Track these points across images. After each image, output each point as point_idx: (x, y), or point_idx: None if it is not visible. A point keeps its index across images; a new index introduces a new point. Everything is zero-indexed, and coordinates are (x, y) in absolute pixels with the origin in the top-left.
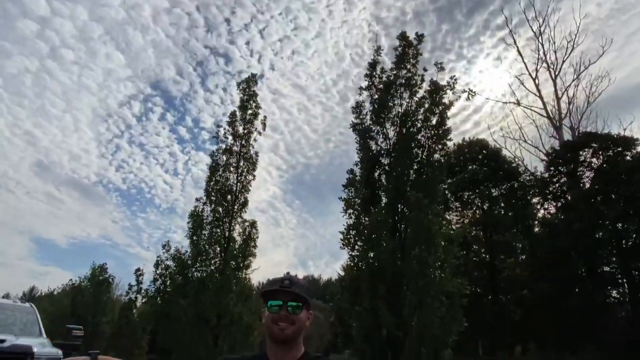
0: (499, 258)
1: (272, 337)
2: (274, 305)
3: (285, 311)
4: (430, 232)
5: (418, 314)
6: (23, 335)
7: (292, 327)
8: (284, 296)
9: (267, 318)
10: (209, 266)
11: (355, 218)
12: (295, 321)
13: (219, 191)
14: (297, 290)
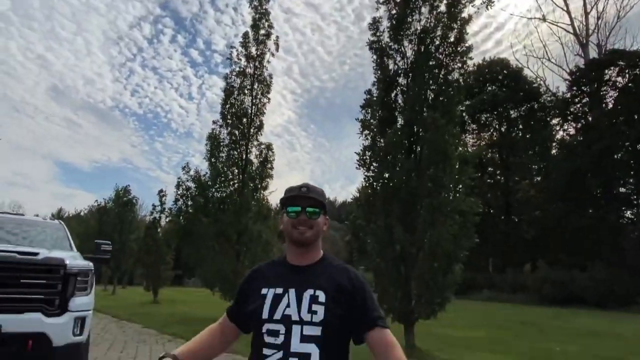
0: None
1: (293, 240)
2: (293, 211)
3: (304, 216)
4: (446, 153)
5: (431, 231)
6: (55, 249)
7: (311, 231)
8: (302, 202)
9: (287, 223)
10: (228, 187)
11: (371, 139)
12: (314, 225)
13: (235, 114)
14: (315, 196)
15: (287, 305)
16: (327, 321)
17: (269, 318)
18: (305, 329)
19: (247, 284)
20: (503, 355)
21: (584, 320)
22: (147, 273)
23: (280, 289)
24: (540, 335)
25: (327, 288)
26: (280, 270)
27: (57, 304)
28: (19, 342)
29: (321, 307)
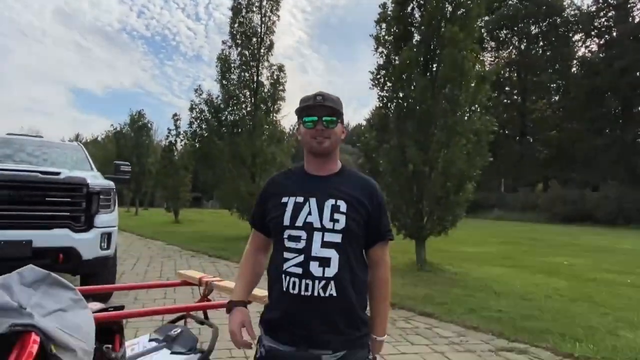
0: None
1: (311, 151)
2: (310, 121)
3: (320, 125)
4: (463, 70)
5: (445, 150)
6: (75, 170)
7: (329, 141)
8: (319, 111)
9: (305, 134)
10: (240, 110)
11: (386, 57)
12: (331, 135)
13: (244, 33)
14: (331, 104)
15: (309, 213)
16: (347, 229)
17: (290, 225)
18: (326, 236)
19: (267, 191)
20: (511, 268)
21: (592, 236)
22: (167, 195)
23: (300, 197)
24: (549, 251)
25: (348, 198)
26: (300, 179)
27: (83, 221)
28: (51, 256)
29: (342, 216)
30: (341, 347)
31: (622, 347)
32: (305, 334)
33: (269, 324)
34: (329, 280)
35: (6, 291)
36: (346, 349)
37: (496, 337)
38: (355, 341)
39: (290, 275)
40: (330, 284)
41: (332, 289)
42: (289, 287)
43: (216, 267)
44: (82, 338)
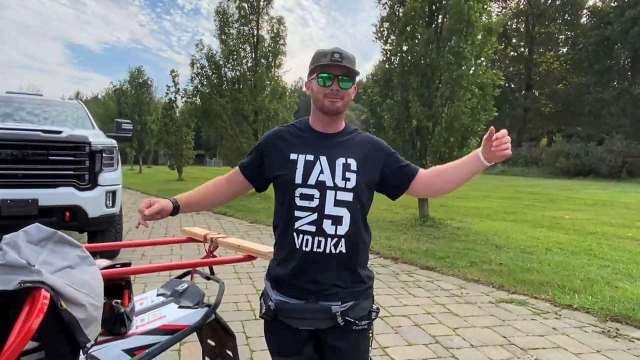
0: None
1: (323, 109)
2: (325, 79)
3: (336, 85)
4: (470, 21)
5: (449, 105)
6: (77, 128)
7: (342, 101)
8: (335, 70)
9: (317, 91)
10: (241, 65)
11: (390, 8)
12: (345, 95)
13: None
14: (348, 64)
15: (321, 172)
16: (358, 187)
17: (302, 183)
18: (338, 194)
19: (270, 144)
20: (512, 223)
21: (594, 190)
22: (169, 153)
23: (310, 155)
24: (550, 205)
25: (357, 156)
26: (306, 136)
27: (87, 179)
28: (57, 214)
29: (353, 174)
30: (349, 299)
31: (620, 298)
32: (315, 288)
33: (277, 280)
34: (340, 237)
35: (14, 249)
36: (353, 299)
37: (496, 289)
38: (361, 293)
39: (304, 233)
40: (341, 242)
41: (343, 246)
42: (301, 245)
43: (220, 223)
44: (91, 293)
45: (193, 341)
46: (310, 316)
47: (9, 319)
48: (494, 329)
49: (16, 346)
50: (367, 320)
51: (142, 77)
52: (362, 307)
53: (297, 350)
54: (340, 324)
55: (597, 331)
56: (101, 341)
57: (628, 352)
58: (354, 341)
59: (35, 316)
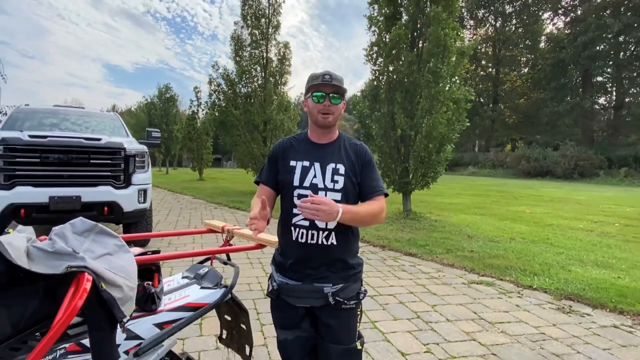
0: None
1: (317, 123)
2: (318, 96)
3: (327, 102)
4: (446, 45)
5: (428, 117)
6: (114, 136)
7: (332, 116)
8: (326, 89)
9: (312, 108)
10: (252, 83)
11: (378, 35)
12: (335, 111)
13: (254, 15)
14: (337, 84)
15: (314, 176)
16: (345, 188)
17: (299, 185)
18: (328, 194)
19: (276, 154)
20: (481, 216)
21: (551, 189)
22: (192, 157)
23: (307, 162)
24: (514, 201)
25: (345, 162)
26: (305, 146)
27: (122, 179)
28: (97, 208)
29: (341, 177)
30: (339, 281)
31: (573, 279)
32: (310, 272)
33: (280, 265)
34: (331, 231)
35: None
36: (343, 282)
37: (468, 272)
38: (350, 277)
39: (299, 227)
40: (331, 234)
41: (333, 238)
42: (297, 237)
43: (235, 216)
44: (127, 276)
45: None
46: (306, 295)
47: (57, 298)
48: (466, 306)
49: (64, 320)
50: (355, 300)
51: (169, 92)
52: (351, 289)
53: (296, 325)
54: (331, 303)
55: (554, 308)
56: (135, 316)
57: (579, 325)
58: (344, 318)
59: (79, 295)
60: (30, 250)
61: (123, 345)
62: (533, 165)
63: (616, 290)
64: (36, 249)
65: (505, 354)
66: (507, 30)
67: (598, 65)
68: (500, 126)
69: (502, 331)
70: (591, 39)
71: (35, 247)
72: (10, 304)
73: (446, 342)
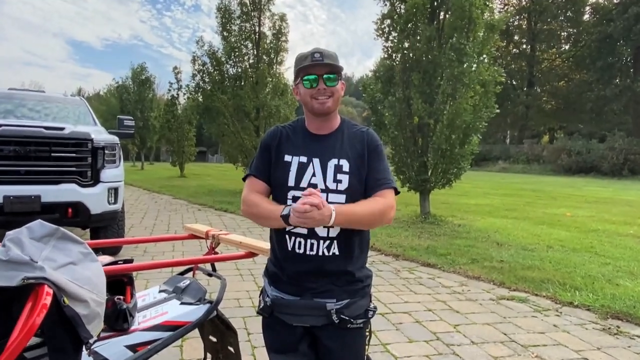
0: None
1: (313, 111)
2: (309, 80)
3: (322, 84)
4: (471, 18)
5: (450, 102)
6: (79, 125)
7: (331, 99)
8: (318, 69)
9: (305, 94)
10: (243, 62)
11: (391, 5)
12: (334, 92)
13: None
14: (330, 61)
15: (313, 175)
16: (350, 189)
17: (295, 185)
18: (330, 197)
19: (272, 141)
20: (513, 220)
21: (596, 188)
22: (171, 149)
23: (304, 157)
24: (552, 202)
25: (350, 156)
26: (301, 137)
27: (89, 176)
28: (59, 210)
29: (345, 176)
30: (344, 296)
31: (621, 295)
32: (309, 285)
33: (273, 277)
34: (333, 240)
35: (17, 246)
36: (349, 298)
37: (497, 286)
38: (357, 291)
39: (296, 235)
40: (333, 244)
41: (335, 248)
42: (294, 247)
43: (222, 220)
44: (93, 290)
45: (195, 337)
46: (305, 313)
47: (13, 314)
48: (494, 325)
49: (19, 342)
50: (363, 319)
51: (145, 74)
52: (359, 305)
53: (292, 348)
54: (334, 322)
55: (598, 328)
56: (104, 337)
57: (629, 349)
58: (349, 340)
59: (38, 312)
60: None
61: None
62: (575, 160)
63: None
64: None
65: None
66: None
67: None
68: (536, 114)
69: (536, 356)
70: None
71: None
72: None
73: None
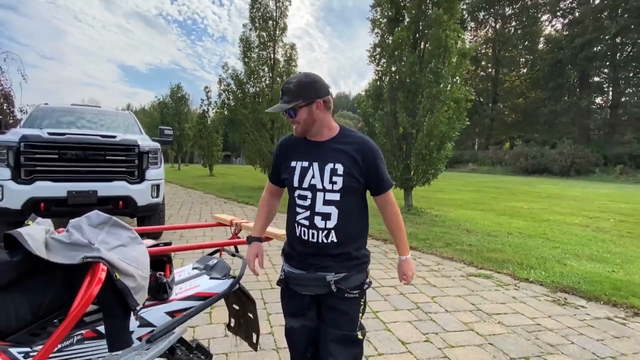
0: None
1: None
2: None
3: (288, 117)
4: (446, 47)
5: (429, 115)
6: (128, 133)
7: (300, 125)
8: (281, 107)
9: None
10: (260, 83)
11: (381, 37)
12: (300, 121)
13: (262, 17)
14: (288, 96)
15: (313, 177)
16: (344, 188)
17: (298, 186)
18: (327, 195)
19: (278, 155)
20: (480, 211)
21: (548, 186)
22: (202, 153)
23: (306, 162)
24: (512, 197)
25: (344, 161)
26: (304, 144)
27: (136, 175)
28: (112, 202)
29: (339, 177)
30: (341, 270)
31: (568, 273)
32: (313, 262)
33: (287, 255)
34: (330, 230)
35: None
36: (345, 271)
37: (467, 265)
38: (353, 267)
39: (301, 225)
40: (331, 233)
41: (333, 236)
42: (300, 234)
43: (244, 210)
44: (139, 266)
45: (221, 306)
46: (310, 283)
47: (74, 286)
48: (464, 297)
49: (80, 308)
50: (358, 290)
51: (181, 92)
52: (355, 278)
53: (303, 313)
54: (333, 291)
55: (549, 300)
56: (148, 305)
57: (574, 317)
58: (346, 306)
59: (95, 284)
60: (48, 242)
61: (136, 332)
62: (531, 163)
63: (610, 284)
64: (54, 240)
65: (502, 344)
66: (507, 32)
67: (595, 66)
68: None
69: (499, 322)
70: (588, 40)
71: (54, 238)
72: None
73: (445, 332)
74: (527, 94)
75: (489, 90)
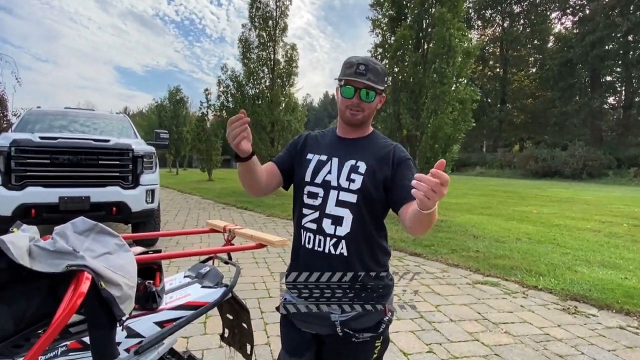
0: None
1: (343, 119)
2: (347, 91)
3: (357, 98)
4: (451, 46)
5: (433, 117)
6: (122, 137)
7: (363, 114)
8: (358, 83)
9: (341, 102)
10: (260, 84)
11: (382, 37)
12: (366, 108)
13: (261, 17)
14: (371, 77)
15: (329, 172)
16: (363, 190)
17: (310, 181)
18: (341, 194)
19: (299, 143)
20: (488, 216)
21: (559, 189)
22: (201, 158)
23: (324, 156)
24: (521, 201)
25: (369, 160)
26: (329, 140)
27: (130, 180)
28: (106, 208)
29: (359, 176)
30: (350, 308)
31: (579, 280)
32: (316, 289)
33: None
34: (340, 238)
35: (62, 238)
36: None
37: (473, 272)
38: (367, 301)
39: (307, 230)
40: (341, 243)
41: (343, 247)
42: (305, 242)
43: (242, 216)
44: (126, 275)
45: (216, 315)
46: (311, 320)
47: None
48: (470, 306)
49: (63, 318)
50: (372, 333)
51: (179, 94)
52: (369, 317)
53: (300, 352)
54: (338, 334)
55: (559, 309)
56: (135, 315)
57: (585, 326)
58: (354, 352)
59: (79, 294)
60: (32, 249)
61: (124, 343)
62: (541, 166)
63: (623, 291)
64: (38, 248)
65: (508, 355)
66: (515, 30)
67: (607, 65)
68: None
69: (505, 331)
70: (599, 38)
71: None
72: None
73: (449, 342)
74: (537, 94)
75: (497, 90)
